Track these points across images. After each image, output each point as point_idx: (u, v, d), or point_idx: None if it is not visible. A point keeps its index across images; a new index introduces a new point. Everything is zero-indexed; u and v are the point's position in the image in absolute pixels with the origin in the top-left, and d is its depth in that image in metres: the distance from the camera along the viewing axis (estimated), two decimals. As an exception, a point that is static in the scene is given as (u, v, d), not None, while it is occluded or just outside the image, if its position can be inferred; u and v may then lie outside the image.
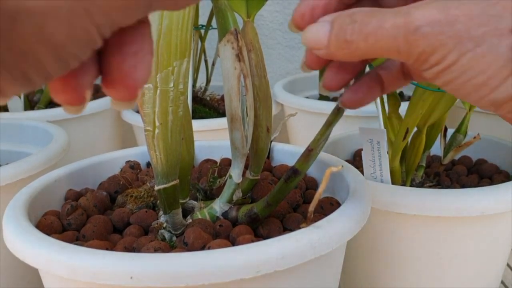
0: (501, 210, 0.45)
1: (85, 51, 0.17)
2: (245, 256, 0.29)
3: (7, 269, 0.53)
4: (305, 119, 0.77)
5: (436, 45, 0.24)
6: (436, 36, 0.23)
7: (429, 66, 0.24)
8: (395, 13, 0.24)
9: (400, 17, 0.24)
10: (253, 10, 0.39)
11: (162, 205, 0.37)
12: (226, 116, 0.38)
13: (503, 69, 0.23)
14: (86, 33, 0.16)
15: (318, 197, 0.33)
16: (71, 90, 0.19)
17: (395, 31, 0.24)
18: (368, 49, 0.25)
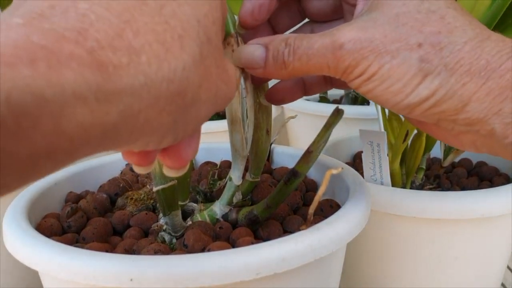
0: (501, 213, 0.45)
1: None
2: (245, 258, 0.29)
3: (7, 271, 0.53)
4: (305, 121, 0.77)
5: (359, 59, 0.27)
6: (358, 51, 0.27)
7: (354, 77, 0.28)
8: (321, 35, 0.28)
9: (326, 38, 0.28)
10: (253, 12, 0.39)
11: (161, 207, 0.37)
12: (226, 118, 0.38)
13: (415, 77, 0.26)
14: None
15: (318, 199, 0.33)
16: (144, 156, 0.23)
17: (323, 50, 0.28)
18: (302, 68, 0.29)
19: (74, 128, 0.15)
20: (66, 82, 0.15)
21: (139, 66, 0.17)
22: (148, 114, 0.18)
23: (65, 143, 0.15)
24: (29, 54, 0.14)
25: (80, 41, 0.16)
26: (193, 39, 0.20)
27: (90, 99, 0.15)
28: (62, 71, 0.15)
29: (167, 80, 0.18)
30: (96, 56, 0.16)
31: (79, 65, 0.15)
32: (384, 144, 0.47)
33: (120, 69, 0.16)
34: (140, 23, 0.18)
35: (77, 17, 0.16)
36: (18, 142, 0.14)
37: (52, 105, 0.14)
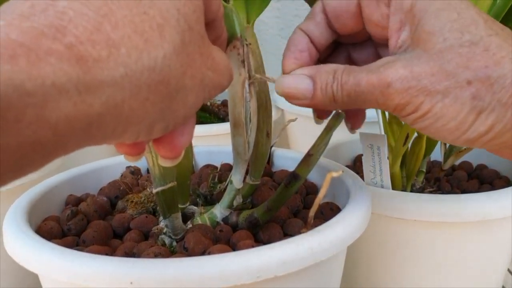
0: (502, 216, 0.45)
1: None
2: (245, 261, 0.29)
3: (7, 273, 0.53)
4: (305, 125, 0.77)
5: (408, 98, 0.27)
6: (406, 90, 0.27)
7: (407, 114, 0.28)
8: (368, 71, 0.28)
9: (372, 75, 0.28)
10: (253, 15, 0.39)
11: (161, 209, 0.37)
12: (229, 121, 0.38)
13: (469, 115, 0.27)
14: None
15: (318, 202, 0.33)
16: (133, 145, 0.23)
17: (371, 88, 0.28)
18: (352, 103, 0.29)
19: (58, 119, 0.16)
20: (46, 75, 0.15)
21: (119, 58, 0.18)
22: (132, 104, 0.19)
23: (50, 134, 0.16)
24: (8, 50, 0.15)
25: (58, 37, 0.16)
26: (173, 27, 0.20)
27: (72, 91, 0.16)
28: (42, 66, 0.15)
29: (147, 69, 0.19)
30: (75, 51, 0.16)
31: (57, 60, 0.16)
32: (384, 147, 0.47)
33: (100, 62, 0.17)
34: (119, 15, 0.18)
35: (55, 15, 0.17)
36: (5, 135, 0.14)
37: (34, 98, 0.15)
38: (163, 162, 0.25)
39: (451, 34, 0.27)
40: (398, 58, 0.28)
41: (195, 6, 0.22)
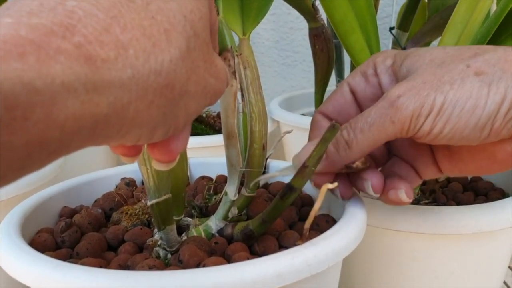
0: (497, 227, 0.45)
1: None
2: (241, 274, 0.29)
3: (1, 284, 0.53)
4: (301, 136, 0.77)
5: (421, 99, 0.28)
6: (417, 93, 0.29)
7: (424, 118, 0.29)
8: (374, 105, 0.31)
9: (379, 102, 0.29)
10: (248, 28, 0.39)
11: (156, 221, 0.37)
12: (222, 133, 0.38)
13: (481, 89, 0.28)
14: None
15: (313, 214, 0.33)
16: (131, 147, 0.23)
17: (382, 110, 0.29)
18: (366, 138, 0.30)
19: (66, 118, 0.16)
20: (55, 74, 0.15)
21: (127, 60, 0.18)
22: (138, 106, 0.19)
23: (57, 133, 0.16)
24: (18, 48, 0.15)
25: (67, 36, 0.16)
26: (179, 32, 0.20)
27: (80, 91, 0.16)
28: (51, 64, 0.15)
29: (154, 72, 0.19)
30: (84, 51, 0.16)
31: (67, 59, 0.16)
32: (379, 159, 0.47)
33: (108, 63, 0.17)
34: (127, 18, 0.18)
35: (65, 13, 0.17)
36: (12, 133, 0.14)
37: (43, 96, 0.15)
38: (157, 165, 0.25)
39: (434, 50, 0.30)
40: (397, 83, 0.30)
41: (201, 14, 0.22)
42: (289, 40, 1.09)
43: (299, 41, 1.09)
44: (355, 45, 0.47)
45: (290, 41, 1.09)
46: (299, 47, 1.09)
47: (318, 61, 0.77)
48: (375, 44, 0.48)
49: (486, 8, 0.40)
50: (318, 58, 0.76)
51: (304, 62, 1.10)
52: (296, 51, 1.10)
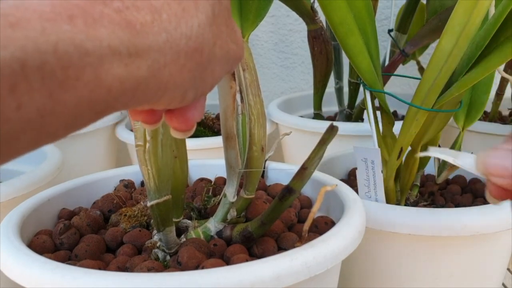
0: (495, 229, 0.45)
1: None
2: (239, 276, 0.29)
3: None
4: (300, 138, 0.77)
5: None
6: None
7: None
8: None
9: None
10: (247, 30, 0.39)
11: (156, 222, 0.37)
12: (221, 134, 0.38)
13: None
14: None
15: (312, 216, 0.33)
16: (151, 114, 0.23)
17: None
18: None
19: (112, 80, 0.17)
20: (102, 37, 0.16)
21: (162, 24, 0.19)
22: (172, 70, 0.19)
23: (104, 93, 0.17)
24: (67, 11, 0.16)
25: (107, 1, 0.17)
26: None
27: (124, 54, 0.17)
28: (97, 27, 0.16)
29: (185, 37, 0.20)
30: (123, 16, 0.17)
31: (110, 23, 0.17)
32: (378, 161, 0.47)
33: (145, 27, 0.18)
34: None
35: None
36: (66, 91, 0.15)
37: (92, 57, 0.16)
38: (175, 134, 0.25)
39: None
40: None
41: None
42: (288, 42, 1.09)
43: (298, 43, 1.09)
44: (353, 47, 0.47)
45: (289, 43, 1.09)
46: (298, 49, 1.09)
47: (316, 63, 0.77)
48: (373, 46, 0.48)
49: (484, 10, 0.40)
50: (316, 60, 0.76)
51: (303, 64, 1.10)
52: (294, 53, 1.10)
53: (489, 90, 0.57)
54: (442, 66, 0.42)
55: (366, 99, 0.50)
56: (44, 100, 0.15)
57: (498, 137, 0.74)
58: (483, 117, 0.84)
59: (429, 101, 0.45)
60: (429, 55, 0.44)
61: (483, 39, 0.44)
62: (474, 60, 0.45)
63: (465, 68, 0.46)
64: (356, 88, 0.80)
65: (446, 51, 0.42)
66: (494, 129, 0.74)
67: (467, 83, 0.43)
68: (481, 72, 0.43)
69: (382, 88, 0.50)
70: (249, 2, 0.39)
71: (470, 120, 0.57)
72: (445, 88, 0.45)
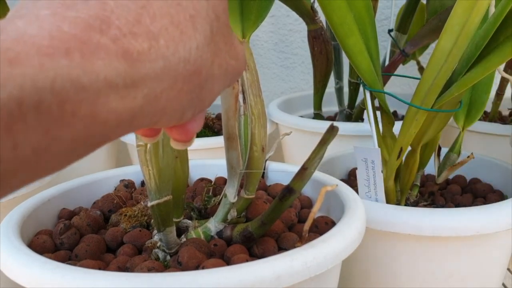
0: (496, 230, 0.45)
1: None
2: (240, 276, 0.29)
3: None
4: (300, 138, 0.77)
5: None
6: None
7: None
8: None
9: None
10: (248, 30, 0.39)
11: (156, 222, 0.37)
12: (223, 135, 0.38)
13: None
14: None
15: (312, 216, 0.33)
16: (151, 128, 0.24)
17: None
18: None
19: (108, 113, 0.16)
20: (99, 70, 0.16)
21: (159, 50, 0.18)
22: (169, 95, 0.19)
23: (100, 127, 0.17)
24: (64, 44, 0.15)
25: (104, 29, 0.17)
26: (203, 17, 0.21)
27: (120, 86, 0.17)
28: (94, 60, 0.16)
29: (183, 61, 0.19)
30: (120, 44, 0.17)
31: (107, 54, 0.16)
32: (378, 161, 0.47)
33: (142, 55, 0.17)
34: (155, 6, 0.19)
35: (97, 5, 0.17)
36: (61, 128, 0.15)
37: (88, 92, 0.16)
38: (175, 145, 0.25)
39: None
40: None
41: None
42: (288, 42, 1.09)
43: (298, 43, 1.09)
44: (353, 47, 0.47)
45: (289, 43, 1.09)
46: (298, 49, 1.09)
47: (316, 63, 0.77)
48: (373, 46, 0.48)
49: (483, 10, 0.40)
50: (316, 60, 0.76)
51: (303, 64, 1.10)
52: (295, 53, 1.10)
53: (489, 90, 0.57)
54: (442, 66, 0.42)
55: (366, 99, 0.51)
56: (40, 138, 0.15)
57: (498, 137, 0.74)
58: (483, 117, 0.84)
59: (428, 101, 0.45)
60: (429, 55, 0.44)
61: (483, 38, 0.44)
62: (473, 60, 0.45)
63: (464, 68, 0.46)
64: (356, 88, 0.80)
65: (446, 51, 0.42)
66: (494, 129, 0.74)
67: (467, 83, 0.43)
68: (481, 72, 0.43)
69: (382, 88, 0.50)
70: (250, 3, 0.39)
71: (470, 120, 0.57)
72: (445, 88, 0.45)
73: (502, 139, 0.73)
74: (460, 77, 0.45)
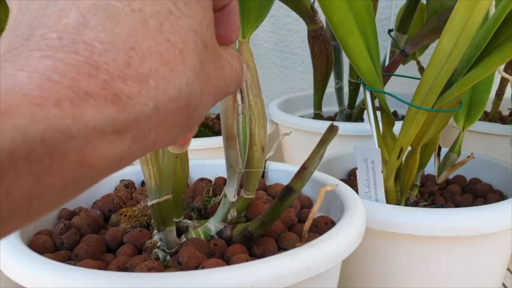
0: (496, 230, 0.45)
1: None
2: (239, 276, 0.29)
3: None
4: (300, 138, 0.77)
5: None
6: None
7: None
8: None
9: None
10: (248, 30, 0.39)
11: (156, 222, 0.37)
12: (222, 134, 0.38)
13: None
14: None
15: (312, 216, 0.33)
16: None
17: None
18: None
19: (97, 158, 0.17)
20: (88, 118, 0.16)
21: (149, 93, 0.18)
22: (158, 131, 0.19)
23: (89, 171, 0.17)
24: (54, 94, 0.15)
25: (93, 75, 0.17)
26: (192, 50, 0.20)
27: (109, 132, 0.17)
28: (83, 109, 0.16)
29: (173, 99, 0.19)
30: (110, 90, 0.17)
31: (96, 101, 0.16)
32: (378, 161, 0.47)
33: (132, 99, 0.17)
34: (144, 47, 0.18)
35: (85, 48, 0.17)
36: (51, 175, 0.15)
37: (77, 141, 0.16)
38: (172, 148, 0.26)
39: None
40: None
41: (208, 22, 0.22)
42: (288, 42, 1.09)
43: (298, 43, 1.09)
44: (354, 47, 0.47)
45: (289, 43, 1.09)
46: (298, 49, 1.09)
47: (317, 63, 0.77)
48: (374, 46, 0.48)
49: (484, 10, 0.40)
50: (317, 60, 0.76)
51: (303, 64, 1.10)
52: (295, 53, 1.10)
53: (489, 90, 0.57)
54: (442, 66, 0.42)
55: (366, 99, 0.51)
56: (31, 185, 0.15)
57: (498, 137, 0.74)
58: (483, 117, 0.84)
59: (429, 101, 0.45)
60: (429, 55, 0.44)
61: (483, 39, 0.44)
62: (474, 60, 0.45)
63: (465, 68, 0.46)
64: (356, 88, 0.80)
65: (446, 51, 0.42)
66: (494, 129, 0.74)
67: (467, 83, 0.43)
68: (481, 72, 0.43)
69: (382, 88, 0.50)
70: (250, 3, 0.39)
71: (470, 120, 0.57)
72: (445, 88, 0.45)
73: (502, 139, 0.73)
74: (460, 77, 0.45)
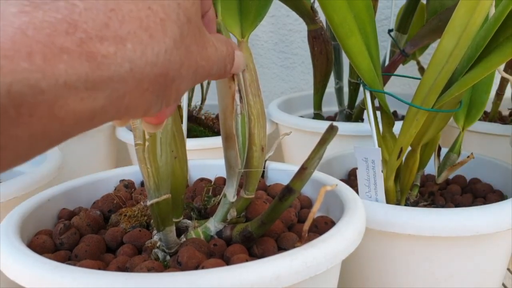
0: (495, 230, 0.45)
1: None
2: (239, 276, 0.29)
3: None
4: (300, 138, 0.77)
5: None
6: None
7: None
8: None
9: None
10: (247, 30, 0.39)
11: (155, 222, 0.37)
12: (221, 134, 0.38)
13: None
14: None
15: (312, 216, 0.33)
16: None
17: None
18: None
19: (66, 114, 0.17)
20: (59, 74, 0.16)
21: (125, 54, 0.18)
22: (133, 95, 0.19)
23: (58, 126, 0.17)
24: (26, 47, 0.16)
25: (70, 32, 0.17)
26: (174, 21, 0.21)
27: (80, 89, 0.17)
28: (55, 63, 0.16)
29: (150, 64, 0.19)
30: (85, 48, 0.17)
31: (70, 57, 0.17)
32: (378, 161, 0.47)
33: (107, 58, 0.18)
34: (125, 10, 0.19)
35: (66, 6, 0.17)
36: (18, 127, 0.16)
37: (47, 95, 0.16)
38: (146, 127, 0.26)
39: None
40: None
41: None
42: (288, 42, 1.09)
43: (298, 43, 1.09)
44: (354, 47, 0.47)
45: (289, 43, 1.09)
46: (298, 49, 1.09)
47: (316, 63, 0.77)
48: (373, 46, 0.48)
49: (485, 11, 0.40)
50: (316, 60, 0.76)
51: (303, 64, 1.10)
52: (294, 53, 1.10)
53: (489, 90, 0.57)
54: (443, 66, 0.42)
55: (366, 99, 0.51)
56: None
57: (498, 137, 0.74)
58: (483, 117, 0.84)
59: (429, 101, 0.45)
60: (429, 55, 0.44)
61: (483, 39, 0.44)
62: (474, 60, 0.45)
63: (465, 68, 0.46)
64: (356, 88, 0.80)
65: (447, 51, 0.42)
66: (494, 129, 0.74)
67: (467, 83, 0.43)
68: (481, 72, 0.43)
69: (382, 88, 0.50)
70: (249, 2, 0.39)
71: (470, 120, 0.57)
72: (445, 88, 0.45)
73: (502, 139, 0.73)
74: (460, 77, 0.45)
